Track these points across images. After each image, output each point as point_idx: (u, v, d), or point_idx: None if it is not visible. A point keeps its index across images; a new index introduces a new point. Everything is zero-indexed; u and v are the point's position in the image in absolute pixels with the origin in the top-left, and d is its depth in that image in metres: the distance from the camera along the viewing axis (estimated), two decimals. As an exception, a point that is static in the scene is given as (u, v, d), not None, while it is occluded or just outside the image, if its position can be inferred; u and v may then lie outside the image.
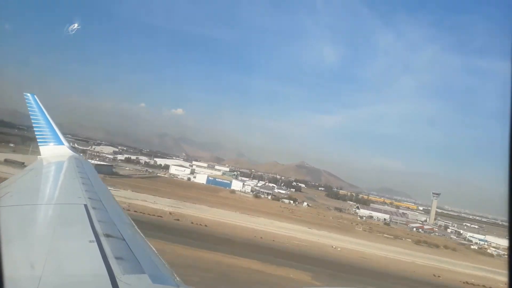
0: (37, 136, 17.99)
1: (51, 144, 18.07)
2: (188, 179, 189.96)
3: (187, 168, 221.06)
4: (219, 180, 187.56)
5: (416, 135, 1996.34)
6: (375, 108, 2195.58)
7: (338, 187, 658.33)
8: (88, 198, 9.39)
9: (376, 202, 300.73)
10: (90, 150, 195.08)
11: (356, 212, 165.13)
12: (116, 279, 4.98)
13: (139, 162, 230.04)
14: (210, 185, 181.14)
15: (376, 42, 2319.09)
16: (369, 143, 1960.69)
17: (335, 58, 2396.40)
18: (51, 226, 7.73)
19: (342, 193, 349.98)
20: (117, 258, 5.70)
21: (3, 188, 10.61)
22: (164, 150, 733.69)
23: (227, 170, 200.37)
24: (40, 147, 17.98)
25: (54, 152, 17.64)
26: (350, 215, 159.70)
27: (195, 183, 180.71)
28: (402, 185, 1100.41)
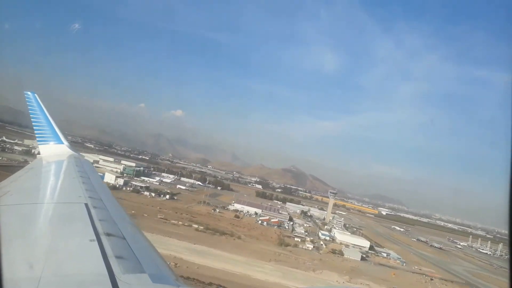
0: (36, 135, 17.92)
1: (51, 143, 17.91)
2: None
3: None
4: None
5: (413, 142, 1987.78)
6: (372, 115, 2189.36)
7: (322, 190, 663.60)
8: (89, 197, 9.46)
9: (319, 201, 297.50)
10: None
11: (227, 208, 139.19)
12: (116, 278, 5.04)
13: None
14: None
15: (375, 50, 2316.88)
16: (365, 149, 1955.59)
17: (334, 64, 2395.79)
18: (52, 225, 7.82)
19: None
20: (117, 257, 5.76)
21: (3, 187, 10.62)
22: (157, 151, 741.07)
23: (133, 165, 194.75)
24: (39, 146, 17.93)
25: (53, 151, 17.51)
26: (218, 209, 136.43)
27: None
28: (397, 192, 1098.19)
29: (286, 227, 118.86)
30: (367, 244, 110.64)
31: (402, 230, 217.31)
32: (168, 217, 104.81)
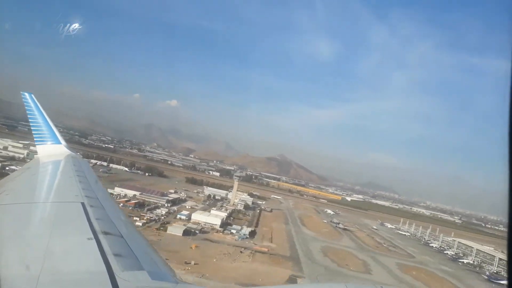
0: (34, 135, 17.92)
1: (49, 143, 17.91)
2: None
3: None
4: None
5: (407, 131, 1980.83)
6: (367, 103, 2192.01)
7: (306, 178, 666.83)
8: (86, 196, 9.50)
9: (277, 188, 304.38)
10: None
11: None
12: (115, 276, 5.12)
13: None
14: None
15: (369, 39, 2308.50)
16: (360, 138, 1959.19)
17: (328, 53, 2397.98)
18: (49, 224, 7.80)
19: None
20: (115, 255, 5.85)
21: (0, 187, 10.66)
22: (147, 141, 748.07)
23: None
24: (37, 146, 17.89)
25: (51, 151, 17.54)
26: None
27: None
28: (390, 180, 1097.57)
29: (148, 209, 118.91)
30: (218, 221, 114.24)
31: (332, 213, 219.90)
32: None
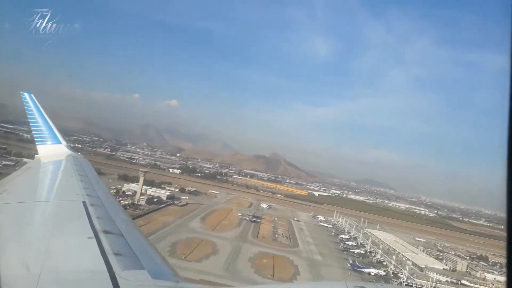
0: (34, 135, 17.83)
1: (49, 143, 17.84)
2: None
3: None
4: None
5: (406, 128, 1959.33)
6: (365, 100, 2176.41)
7: (294, 175, 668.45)
8: (86, 195, 9.62)
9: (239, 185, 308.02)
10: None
11: None
12: (116, 275, 5.13)
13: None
14: None
15: (366, 36, 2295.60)
16: (358, 135, 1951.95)
17: (325, 51, 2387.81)
18: (50, 223, 7.96)
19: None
20: (116, 254, 5.89)
21: (0, 186, 10.81)
22: (143, 141, 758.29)
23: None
24: (37, 146, 17.75)
25: (51, 151, 17.47)
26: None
27: None
28: (388, 177, 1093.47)
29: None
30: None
31: (265, 206, 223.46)
32: None
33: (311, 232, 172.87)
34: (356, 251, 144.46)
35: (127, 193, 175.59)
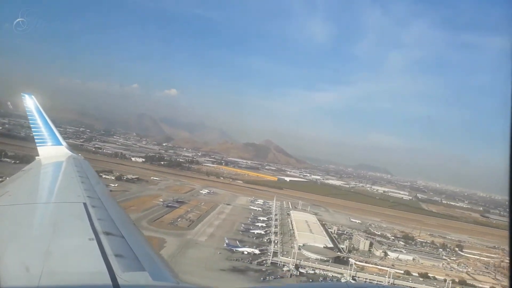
0: (35, 137, 17.74)
1: (49, 144, 17.83)
2: None
3: None
4: None
5: (404, 111, 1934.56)
6: (365, 84, 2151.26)
7: (284, 162, 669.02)
8: (87, 197, 9.71)
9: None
10: None
11: None
12: (116, 276, 5.15)
13: None
14: None
15: (363, 20, 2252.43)
16: (357, 120, 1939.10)
17: (323, 36, 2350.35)
18: (51, 224, 7.91)
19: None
20: (116, 256, 5.93)
21: (2, 188, 11.05)
22: (138, 131, 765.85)
23: None
24: (38, 147, 17.70)
25: (52, 152, 17.48)
26: None
27: None
28: (387, 161, 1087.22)
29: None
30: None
31: (205, 192, 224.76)
32: None
33: (230, 215, 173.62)
34: (256, 231, 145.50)
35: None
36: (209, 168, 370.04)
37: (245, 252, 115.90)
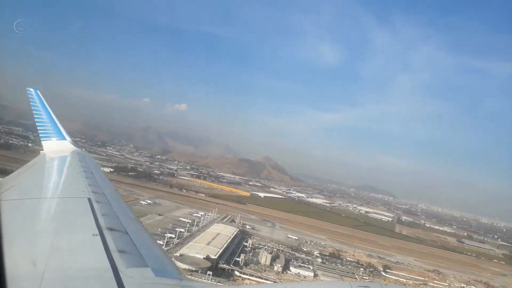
0: (39, 131, 18.19)
1: (54, 139, 18.10)
2: None
3: None
4: None
5: (411, 134, 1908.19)
6: (373, 106, 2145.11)
7: (278, 179, 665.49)
8: (92, 192, 9.85)
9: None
10: None
11: None
12: (120, 272, 5.22)
13: None
14: None
15: (372, 42, 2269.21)
16: (364, 141, 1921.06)
17: (332, 58, 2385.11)
18: (55, 219, 8.13)
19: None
20: (120, 252, 5.99)
21: (6, 183, 10.93)
22: (144, 144, 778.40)
23: None
24: (42, 142, 18.07)
25: (56, 147, 17.68)
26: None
27: None
28: (392, 183, 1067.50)
29: None
30: None
31: (145, 203, 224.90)
32: None
33: (149, 225, 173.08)
34: (158, 242, 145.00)
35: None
36: (180, 181, 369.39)
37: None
